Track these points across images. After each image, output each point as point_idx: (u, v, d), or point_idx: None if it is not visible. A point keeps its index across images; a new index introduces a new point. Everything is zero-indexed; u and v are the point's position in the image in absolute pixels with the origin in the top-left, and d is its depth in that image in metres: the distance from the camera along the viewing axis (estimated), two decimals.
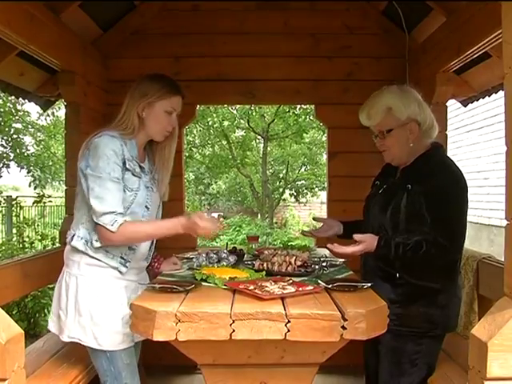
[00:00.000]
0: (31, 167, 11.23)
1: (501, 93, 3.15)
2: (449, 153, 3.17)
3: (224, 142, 14.59)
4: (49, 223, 10.53)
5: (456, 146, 9.64)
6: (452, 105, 6.04)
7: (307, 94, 3.67)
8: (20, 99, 3.73)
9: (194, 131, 13.90)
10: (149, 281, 2.24)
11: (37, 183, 11.30)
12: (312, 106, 4.12)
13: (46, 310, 4.77)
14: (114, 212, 1.95)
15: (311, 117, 12.29)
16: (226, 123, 14.04)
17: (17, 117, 10.63)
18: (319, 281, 1.99)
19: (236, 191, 17.15)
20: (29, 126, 11.33)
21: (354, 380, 3.35)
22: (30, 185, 11.31)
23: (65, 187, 3.25)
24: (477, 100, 3.66)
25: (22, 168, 11.07)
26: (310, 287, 1.92)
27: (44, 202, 6.84)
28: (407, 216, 2.05)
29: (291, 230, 15.22)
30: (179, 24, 3.60)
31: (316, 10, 3.61)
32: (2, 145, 10.51)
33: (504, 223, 1.52)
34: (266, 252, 2.54)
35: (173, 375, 3.56)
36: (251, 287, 1.86)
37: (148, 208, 2.16)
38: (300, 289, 1.89)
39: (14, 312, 4.68)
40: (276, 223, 15.93)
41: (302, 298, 1.81)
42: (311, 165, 15.95)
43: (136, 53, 3.58)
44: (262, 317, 1.63)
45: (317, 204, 17.67)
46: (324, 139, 13.33)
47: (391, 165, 2.28)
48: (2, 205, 8.86)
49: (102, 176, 1.96)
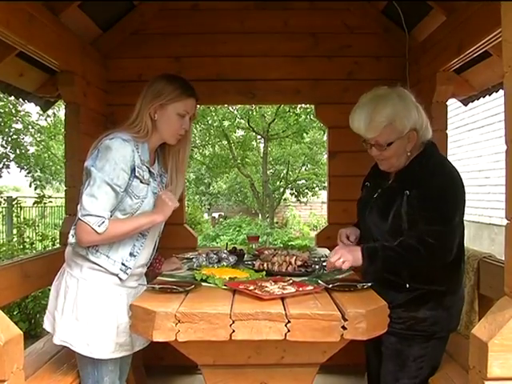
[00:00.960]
0: (31, 168, 11.24)
1: (501, 92, 3.13)
2: (449, 152, 3.19)
3: (224, 142, 14.60)
4: (49, 224, 10.53)
5: (457, 145, 9.63)
6: (452, 104, 6.04)
7: (307, 94, 3.66)
8: (20, 100, 3.73)
9: (195, 131, 13.90)
10: (148, 282, 2.23)
11: (37, 184, 11.30)
12: (312, 106, 4.11)
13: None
14: (102, 217, 1.91)
15: (311, 116, 12.29)
16: (227, 123, 14.04)
17: (17, 117, 10.63)
18: (319, 281, 1.98)
19: (236, 191, 17.16)
20: (29, 127, 11.33)
21: (355, 380, 3.35)
22: (31, 185, 11.31)
23: (65, 187, 3.24)
24: (477, 99, 3.65)
25: (22, 169, 11.07)
26: (310, 287, 1.91)
27: (44, 203, 6.85)
28: (409, 222, 2.00)
29: (292, 230, 15.22)
30: (179, 24, 3.59)
31: (316, 10, 3.60)
32: (3, 145, 10.51)
33: (505, 222, 1.51)
34: (266, 252, 2.54)
35: (173, 375, 3.56)
36: (251, 287, 1.85)
37: None
38: (300, 289, 1.88)
39: (15, 313, 4.68)
40: (277, 223, 15.93)
41: (302, 298, 1.81)
42: (312, 164, 15.96)
43: (136, 53, 3.57)
44: (262, 317, 1.63)
45: (317, 204, 17.67)
46: (324, 139, 13.33)
47: None
48: (3, 205, 8.86)
49: (104, 179, 1.91)
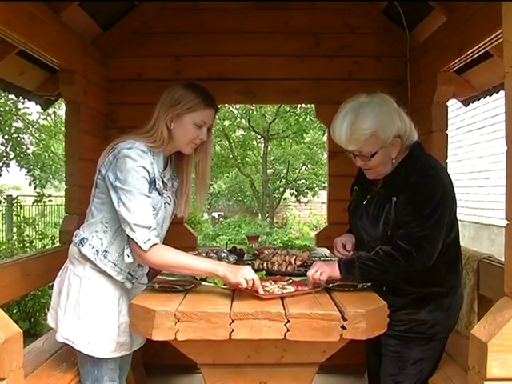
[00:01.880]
0: (31, 166, 11.24)
1: (502, 92, 3.14)
2: (450, 153, 3.19)
3: (225, 142, 14.60)
4: (49, 222, 10.54)
5: (457, 146, 9.64)
6: (453, 104, 6.03)
7: (308, 94, 3.66)
8: (20, 98, 3.73)
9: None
10: (148, 281, 2.23)
11: (37, 182, 11.31)
12: (312, 106, 4.11)
13: (47, 310, 4.76)
14: (149, 228, 1.87)
15: (312, 117, 12.30)
16: (227, 123, 14.05)
17: (17, 116, 10.63)
18: None
19: (236, 191, 17.17)
20: (29, 126, 11.34)
21: (354, 380, 3.34)
22: (30, 184, 11.32)
23: (65, 186, 3.24)
24: (478, 100, 3.65)
25: (23, 167, 11.08)
26: (310, 287, 1.91)
27: (44, 202, 6.85)
28: (395, 228, 1.97)
29: (292, 230, 15.22)
30: (179, 23, 3.59)
31: (316, 10, 3.59)
32: (3, 144, 10.51)
33: (505, 223, 1.51)
34: (266, 251, 2.54)
35: (173, 375, 3.55)
36: None
37: (162, 226, 2.12)
38: (300, 288, 1.88)
39: (15, 311, 4.68)
40: (277, 223, 15.94)
41: (302, 298, 1.81)
42: (312, 164, 15.97)
43: (136, 52, 3.57)
44: (262, 316, 1.63)
45: (317, 204, 17.68)
46: (324, 139, 13.33)
47: None
48: (3, 204, 8.86)
49: (132, 191, 1.87)
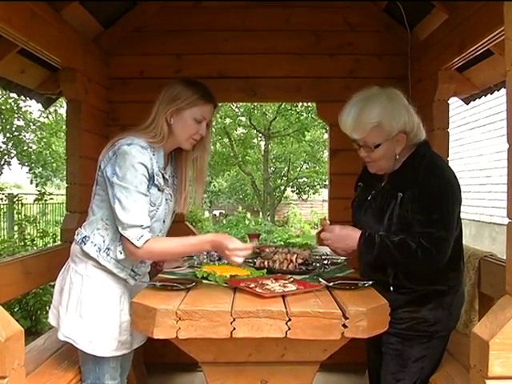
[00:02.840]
0: (33, 164, 11.25)
1: (503, 90, 3.13)
2: (451, 151, 3.18)
3: (225, 140, 14.60)
4: (50, 221, 10.55)
5: (458, 144, 9.63)
6: (454, 102, 6.01)
7: (309, 92, 3.65)
8: (21, 97, 3.73)
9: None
10: (149, 279, 2.24)
11: (38, 180, 11.32)
12: (314, 104, 4.10)
13: (48, 308, 4.77)
14: (142, 226, 1.90)
15: (313, 115, 12.29)
16: (228, 121, 14.05)
17: (19, 114, 10.64)
18: (320, 279, 1.98)
19: (237, 189, 17.18)
20: (30, 124, 11.34)
21: (355, 378, 3.34)
22: (32, 182, 11.33)
23: (66, 184, 3.24)
24: (479, 98, 3.64)
25: (24, 165, 11.09)
26: (311, 285, 1.91)
27: (45, 200, 6.85)
28: (401, 224, 1.97)
29: (293, 228, 15.22)
30: (180, 21, 3.59)
31: (317, 8, 3.59)
32: (4, 142, 10.52)
33: (506, 221, 1.51)
34: (267, 250, 2.53)
35: (174, 373, 3.56)
36: (252, 285, 1.86)
37: (164, 221, 2.13)
38: (301, 287, 1.88)
39: (16, 310, 4.69)
40: (278, 221, 15.95)
41: (303, 296, 1.81)
42: (313, 162, 15.98)
43: (137, 50, 3.57)
44: (263, 315, 1.63)
45: (318, 202, 17.70)
46: (325, 137, 13.33)
47: None
48: (4, 202, 8.87)
49: (130, 188, 1.89)
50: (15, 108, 10.32)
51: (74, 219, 3.05)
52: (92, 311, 2.00)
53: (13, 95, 9.34)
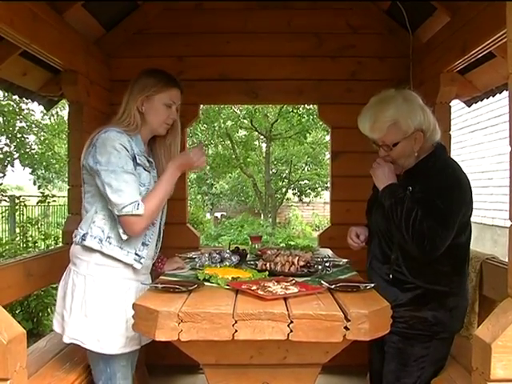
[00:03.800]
0: (35, 166, 11.26)
1: (505, 93, 3.14)
2: (453, 153, 3.18)
3: (227, 142, 14.61)
4: (52, 223, 10.56)
5: (460, 147, 9.62)
6: (456, 105, 6.02)
7: (310, 94, 3.66)
8: (23, 99, 3.73)
9: (198, 130, 13.92)
10: (151, 281, 2.24)
11: (41, 182, 11.33)
12: (315, 106, 4.10)
13: (50, 310, 4.78)
14: (136, 201, 1.96)
15: (314, 117, 12.29)
16: (230, 123, 14.06)
17: (21, 116, 10.65)
18: (322, 281, 1.98)
19: (239, 191, 17.18)
20: (33, 125, 11.36)
21: (357, 380, 3.34)
22: (35, 183, 11.34)
23: (68, 186, 3.24)
24: (481, 100, 3.64)
25: (26, 167, 11.10)
26: (313, 287, 1.91)
27: (48, 202, 6.86)
28: None
29: (294, 230, 15.22)
30: (182, 23, 3.60)
31: (319, 10, 3.59)
32: (7, 144, 10.53)
33: (508, 224, 1.51)
34: (269, 252, 2.54)
35: (176, 375, 3.56)
36: (254, 287, 1.85)
37: None
38: (303, 289, 1.88)
39: (18, 311, 4.69)
40: (279, 223, 15.93)
41: (305, 299, 1.81)
42: (314, 164, 15.98)
43: (139, 52, 3.57)
44: (265, 317, 1.62)
45: (320, 204, 17.68)
46: (327, 139, 13.32)
47: None
48: (6, 204, 8.88)
49: (117, 170, 1.95)
50: (17, 110, 10.33)
51: (76, 221, 3.01)
52: (97, 309, 2.00)
53: (14, 97, 9.37)
